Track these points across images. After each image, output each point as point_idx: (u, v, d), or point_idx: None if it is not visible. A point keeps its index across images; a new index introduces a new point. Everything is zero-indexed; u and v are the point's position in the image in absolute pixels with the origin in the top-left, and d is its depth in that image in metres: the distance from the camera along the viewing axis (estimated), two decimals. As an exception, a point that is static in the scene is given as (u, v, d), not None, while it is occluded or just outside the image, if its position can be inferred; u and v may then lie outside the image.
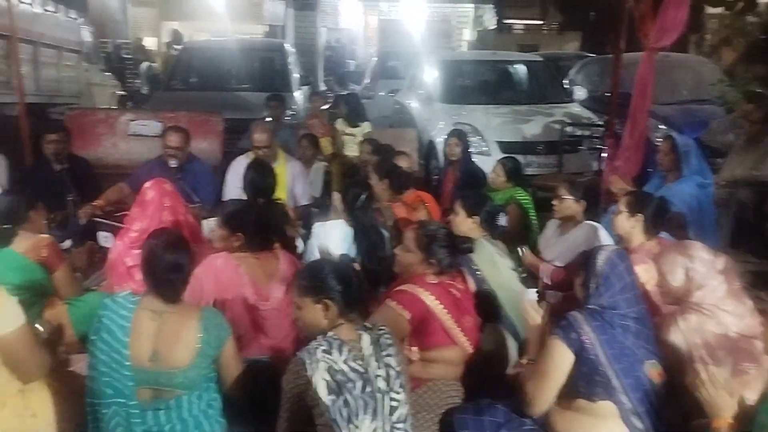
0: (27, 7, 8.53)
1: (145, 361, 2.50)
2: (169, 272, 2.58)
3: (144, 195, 3.94)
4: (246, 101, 8.92)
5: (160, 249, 2.61)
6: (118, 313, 2.54)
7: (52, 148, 5.51)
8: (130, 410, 2.48)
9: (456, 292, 3.12)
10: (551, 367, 2.54)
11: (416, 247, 3.14)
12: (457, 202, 3.82)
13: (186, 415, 2.55)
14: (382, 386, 2.35)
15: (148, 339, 2.51)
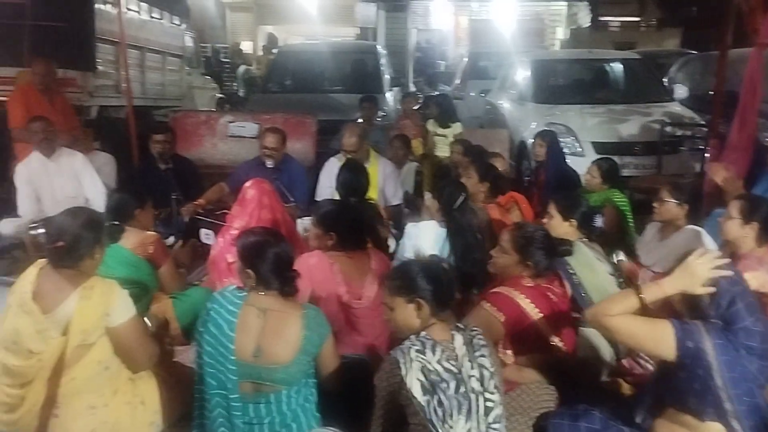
0: (135, 14, 9.00)
1: (248, 356, 2.57)
2: (280, 266, 2.67)
3: (244, 194, 4.09)
4: (339, 103, 9.07)
5: (268, 245, 2.70)
6: (226, 307, 2.62)
7: (159, 148, 5.78)
8: (232, 402, 2.56)
9: (553, 296, 3.06)
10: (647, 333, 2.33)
11: (513, 249, 3.10)
12: (552, 205, 3.75)
13: (285, 409, 2.62)
14: (476, 387, 2.34)
15: (253, 335, 2.59)
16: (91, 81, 7.62)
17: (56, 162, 5.39)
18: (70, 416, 2.63)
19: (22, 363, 2.61)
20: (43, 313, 2.59)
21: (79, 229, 2.67)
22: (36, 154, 5.39)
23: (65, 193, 5.28)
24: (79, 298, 2.61)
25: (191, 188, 5.66)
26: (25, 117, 6.14)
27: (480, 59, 13.26)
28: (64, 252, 2.65)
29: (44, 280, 2.66)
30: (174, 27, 10.80)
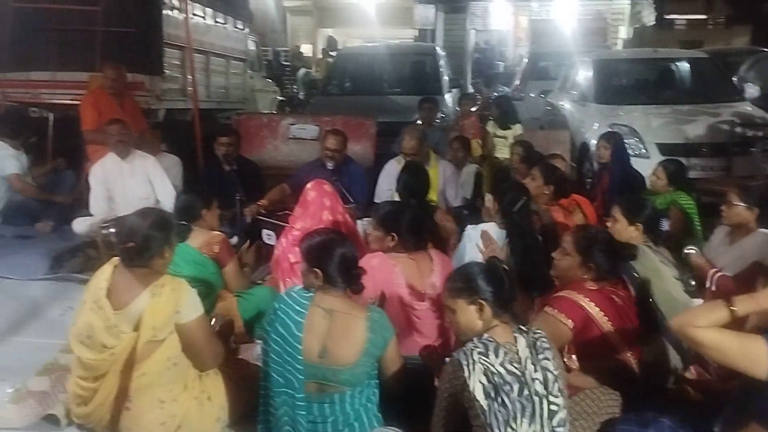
0: (200, 19, 9.23)
1: (314, 357, 2.61)
2: (347, 264, 2.72)
3: (306, 195, 4.16)
4: (398, 105, 9.11)
5: (334, 244, 2.75)
6: (293, 308, 2.67)
7: (224, 150, 5.91)
8: (297, 402, 2.60)
9: (618, 299, 3.00)
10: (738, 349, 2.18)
11: (575, 250, 3.06)
12: (616, 208, 3.67)
13: (348, 409, 2.65)
14: (539, 390, 2.32)
15: (319, 336, 2.62)
16: (158, 85, 7.84)
17: (130, 164, 5.58)
18: (141, 410, 2.72)
19: (95, 357, 2.71)
20: (117, 309, 2.69)
21: (149, 229, 2.77)
22: (111, 156, 5.59)
23: (137, 194, 5.46)
24: (150, 295, 2.70)
25: (254, 189, 5.76)
26: (97, 120, 6.38)
27: (540, 60, 13.11)
28: (134, 252, 2.74)
29: (118, 277, 2.77)
30: (237, 31, 11.02)
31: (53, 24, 7.58)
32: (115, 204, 5.48)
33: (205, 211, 3.88)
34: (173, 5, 8.28)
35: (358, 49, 13.80)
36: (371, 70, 10.87)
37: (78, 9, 7.41)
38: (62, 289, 4.72)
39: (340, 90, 10.48)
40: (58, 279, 4.90)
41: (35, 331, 4.05)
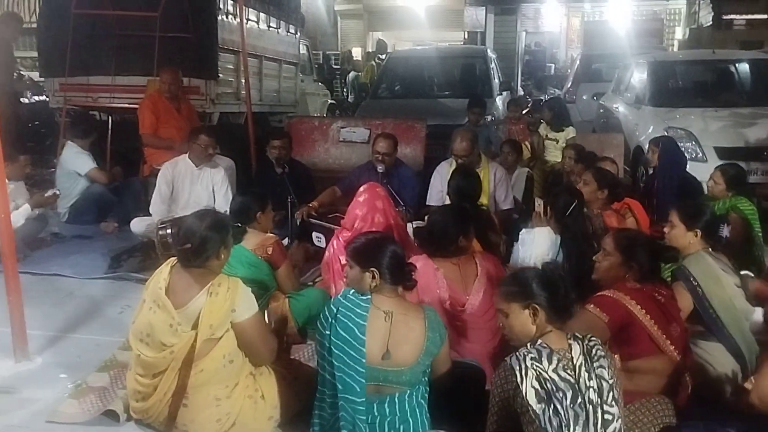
0: (254, 24, 9.37)
1: (377, 359, 2.62)
2: (399, 261, 2.75)
3: (358, 197, 4.18)
4: (448, 108, 9.08)
5: (386, 241, 2.80)
6: (354, 311, 2.67)
7: (276, 153, 6.00)
8: (358, 406, 2.60)
9: (661, 298, 2.96)
10: None
11: (616, 250, 3.05)
12: (674, 213, 3.59)
13: (406, 407, 2.67)
14: (593, 398, 2.29)
15: (382, 338, 2.63)
16: (213, 89, 7.99)
17: (201, 171, 5.71)
18: (197, 406, 2.78)
19: (155, 355, 2.79)
20: (176, 308, 2.76)
21: (206, 231, 2.83)
22: (185, 159, 5.72)
23: (198, 201, 5.54)
24: (207, 294, 2.76)
25: (305, 192, 5.82)
26: (155, 123, 6.56)
27: (593, 61, 12.88)
28: (191, 253, 2.81)
29: (176, 277, 2.84)
30: (290, 36, 11.14)
31: (113, 30, 7.82)
32: (174, 207, 5.61)
33: (260, 214, 3.92)
34: (228, 11, 8.41)
35: (409, 53, 13.80)
36: (421, 73, 10.89)
37: (137, 15, 7.62)
38: (120, 288, 4.85)
39: (390, 93, 10.50)
40: (116, 278, 5.04)
41: (95, 328, 4.17)
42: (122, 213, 6.31)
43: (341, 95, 18.05)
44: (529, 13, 19.92)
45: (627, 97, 9.06)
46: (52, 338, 3.96)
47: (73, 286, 4.89)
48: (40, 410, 3.16)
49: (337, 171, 6.69)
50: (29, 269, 4.87)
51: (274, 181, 5.89)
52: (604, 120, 9.77)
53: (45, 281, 4.92)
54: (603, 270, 3.11)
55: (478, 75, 10.62)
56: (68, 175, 6.53)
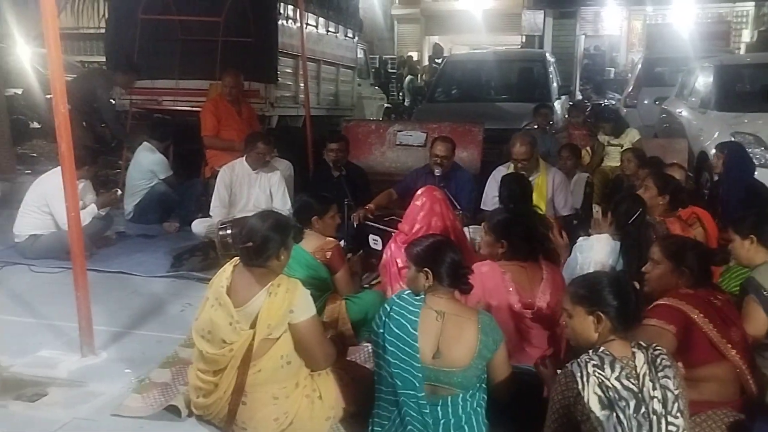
0: (313, 28, 9.49)
1: (428, 359, 2.63)
2: (455, 264, 2.74)
3: (416, 200, 4.19)
4: (505, 111, 9.01)
5: (443, 244, 2.79)
6: (407, 309, 2.70)
7: (333, 156, 6.05)
8: (420, 401, 2.62)
9: (717, 302, 2.88)
10: None
11: (664, 258, 2.98)
12: (737, 225, 3.45)
13: (460, 412, 2.65)
14: (657, 408, 2.23)
15: (432, 338, 2.64)
16: (272, 92, 8.12)
17: (257, 173, 5.83)
18: (256, 405, 2.82)
19: (215, 351, 2.84)
20: (236, 307, 2.81)
21: (267, 231, 2.87)
22: (242, 163, 5.85)
23: (256, 203, 5.66)
24: (266, 294, 2.81)
25: (362, 194, 5.86)
26: (216, 126, 6.70)
27: (655, 65, 12.58)
28: (253, 252, 2.85)
29: (237, 277, 2.89)
30: (347, 40, 11.24)
31: (177, 34, 8.02)
32: (233, 209, 5.72)
33: (316, 219, 3.92)
34: (288, 15, 8.55)
35: (466, 56, 13.75)
36: (479, 76, 10.84)
37: (200, 20, 7.81)
38: (182, 287, 4.96)
39: (447, 97, 10.49)
40: (178, 277, 5.16)
41: (157, 325, 4.27)
42: (184, 213, 6.48)
43: (397, 99, 18.10)
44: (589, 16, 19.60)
45: (691, 102, 8.82)
46: (117, 334, 4.07)
47: (136, 284, 5.03)
48: (105, 404, 3.26)
49: (394, 174, 6.71)
50: (96, 267, 5.02)
51: (331, 184, 5.93)
52: (667, 125, 9.54)
53: (110, 278, 5.08)
54: (654, 280, 3.04)
55: (537, 79, 10.51)
56: (143, 173, 6.76)
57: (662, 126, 9.82)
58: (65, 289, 4.17)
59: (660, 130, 9.88)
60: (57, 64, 3.50)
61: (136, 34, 7.87)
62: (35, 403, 3.25)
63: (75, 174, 3.67)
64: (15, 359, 3.65)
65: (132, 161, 6.95)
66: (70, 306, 3.81)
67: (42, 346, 3.87)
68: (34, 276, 5.14)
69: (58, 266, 5.08)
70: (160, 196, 6.73)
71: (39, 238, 5.44)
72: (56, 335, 4.00)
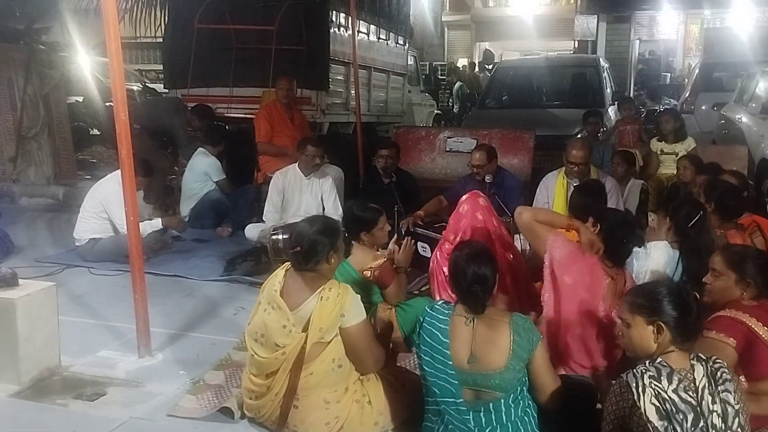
0: (364, 36, 9.56)
1: (463, 363, 2.65)
2: (472, 284, 2.70)
3: (459, 208, 4.17)
4: (557, 118, 8.92)
5: (464, 261, 2.76)
6: (437, 317, 2.74)
7: (383, 162, 6.08)
8: (459, 407, 2.64)
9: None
10: None
11: (728, 269, 2.90)
12: None
13: (505, 420, 2.65)
14: (717, 423, 2.17)
15: (465, 342, 2.66)
16: (324, 99, 8.21)
17: (310, 180, 5.90)
18: (307, 408, 2.85)
19: (268, 355, 2.88)
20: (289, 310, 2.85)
21: (315, 235, 2.91)
22: (294, 168, 5.92)
23: (308, 209, 5.71)
24: (318, 298, 2.83)
25: (412, 201, 5.86)
26: (270, 132, 6.81)
27: (713, 70, 12.24)
28: (302, 256, 2.89)
29: (289, 281, 2.93)
30: (398, 47, 11.28)
31: (231, 43, 8.19)
32: (285, 215, 5.79)
33: (365, 234, 3.81)
34: (340, 23, 8.63)
35: (517, 62, 13.65)
36: (530, 82, 10.74)
37: (254, 29, 7.95)
38: (235, 291, 5.05)
39: (498, 103, 10.43)
40: (231, 281, 5.25)
41: (211, 328, 4.35)
42: (237, 219, 6.59)
43: (447, 105, 18.06)
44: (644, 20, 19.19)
45: (752, 108, 8.56)
46: (172, 336, 4.16)
47: (191, 287, 5.14)
48: (161, 404, 3.33)
49: (444, 181, 6.70)
50: (152, 270, 5.14)
51: (382, 191, 5.96)
52: (726, 131, 9.28)
53: (166, 282, 5.20)
54: (717, 291, 2.95)
55: (590, 84, 10.36)
56: (197, 176, 6.92)
57: (721, 132, 9.56)
58: (123, 291, 4.29)
59: (718, 136, 9.61)
60: (118, 73, 3.61)
61: (192, 43, 8.07)
62: (94, 402, 3.34)
63: (134, 179, 3.77)
64: (75, 359, 3.77)
65: (187, 166, 7.11)
66: (128, 308, 3.92)
67: (101, 346, 3.99)
68: (93, 278, 5.30)
69: (117, 269, 5.24)
70: (214, 202, 6.86)
71: (98, 241, 5.60)
72: (115, 336, 4.12)
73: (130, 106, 3.81)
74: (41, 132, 8.08)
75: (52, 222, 6.98)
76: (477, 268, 2.71)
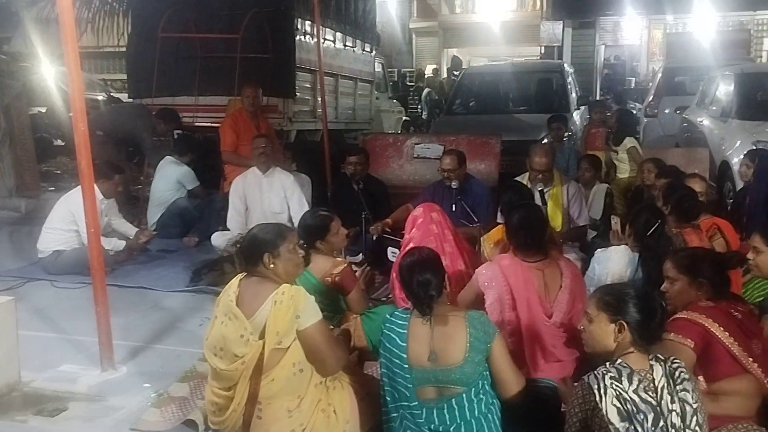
0: (330, 43, 9.57)
1: (424, 362, 2.70)
2: (417, 288, 2.77)
3: (414, 220, 4.26)
4: (524, 123, 9.00)
5: (407, 267, 2.84)
6: (396, 323, 2.81)
7: (351, 169, 6.08)
8: (414, 411, 2.70)
9: (737, 314, 2.84)
10: None
11: (679, 273, 2.95)
12: (757, 238, 3.34)
13: (468, 416, 2.68)
14: (676, 422, 2.21)
15: (425, 341, 2.72)
16: (290, 107, 8.19)
17: (269, 178, 5.90)
18: (271, 418, 2.81)
19: (228, 367, 2.83)
20: (246, 318, 2.82)
21: (254, 235, 2.96)
22: (253, 170, 5.92)
23: (272, 208, 5.73)
24: (272, 303, 2.80)
25: (381, 207, 5.88)
26: (235, 141, 6.77)
27: (676, 74, 12.49)
28: (242, 256, 2.95)
29: (244, 289, 2.90)
30: (365, 54, 11.31)
31: (196, 52, 8.14)
32: (250, 218, 5.76)
33: (322, 240, 3.78)
34: (306, 31, 8.63)
35: (484, 68, 13.77)
36: (496, 88, 10.84)
37: (219, 37, 7.91)
38: (201, 301, 5.00)
39: (465, 109, 10.50)
40: (197, 291, 5.20)
41: (176, 339, 4.31)
42: (204, 228, 6.53)
43: (416, 112, 18.13)
44: (608, 26, 19.51)
45: (712, 111, 8.75)
46: (137, 348, 4.11)
47: (157, 299, 5.07)
48: (124, 418, 3.29)
49: (412, 187, 6.71)
50: (116, 282, 5.09)
51: (351, 197, 5.96)
52: (688, 134, 9.47)
53: (132, 293, 5.14)
54: (674, 297, 2.99)
55: (555, 90, 10.49)
56: (170, 185, 6.87)
57: (683, 135, 9.74)
58: (87, 304, 4.21)
59: (681, 139, 9.80)
60: (77, 82, 3.57)
61: (155, 52, 8.00)
62: (55, 418, 3.29)
63: (94, 190, 3.74)
64: (36, 374, 3.70)
65: (157, 175, 7.03)
66: (91, 321, 3.86)
67: (63, 360, 3.92)
68: (56, 291, 5.22)
69: (80, 282, 5.14)
70: (181, 211, 6.80)
71: (62, 253, 5.52)
72: (77, 350, 4.05)
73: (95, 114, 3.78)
74: (2, 143, 7.92)
75: (14, 235, 6.85)
76: (420, 273, 2.78)
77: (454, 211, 5.33)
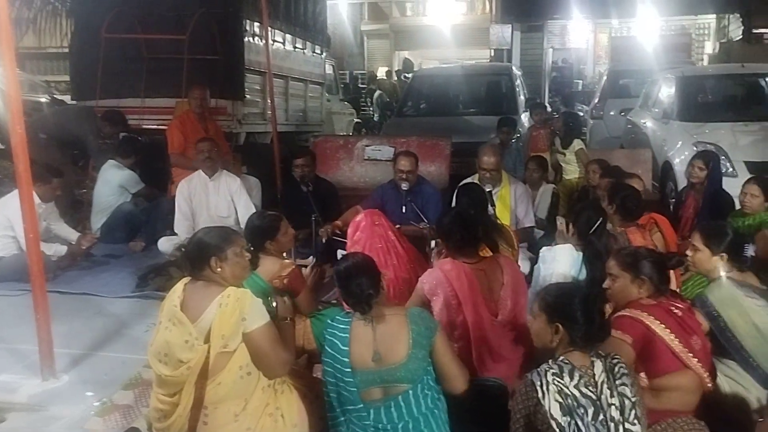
0: (280, 45, 9.51)
1: (368, 363, 2.71)
2: (352, 290, 2.81)
3: (357, 223, 4.28)
4: (473, 125, 9.10)
5: (343, 271, 2.88)
6: (338, 327, 2.82)
7: (299, 171, 6.05)
8: (360, 413, 2.71)
9: (677, 311, 2.93)
10: None
11: (621, 270, 3.03)
12: (697, 237, 3.47)
13: (416, 412, 2.70)
14: (615, 416, 2.27)
15: (368, 343, 2.74)
16: (240, 109, 8.12)
17: (216, 182, 5.83)
18: (217, 424, 2.77)
19: (173, 373, 2.79)
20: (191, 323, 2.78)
21: (200, 237, 2.92)
22: (198, 173, 5.86)
23: (219, 212, 5.67)
24: (218, 306, 2.77)
25: (331, 209, 5.85)
26: (183, 143, 6.67)
27: (620, 77, 12.81)
28: (186, 259, 2.90)
29: (189, 294, 2.85)
30: (315, 56, 11.28)
31: (142, 53, 7.99)
32: (197, 222, 5.69)
33: (271, 240, 3.77)
34: (254, 32, 8.56)
35: (433, 71, 13.86)
36: (446, 90, 10.93)
37: (165, 38, 7.78)
38: (147, 307, 4.89)
39: (416, 111, 10.56)
40: (143, 297, 5.09)
41: (121, 346, 4.22)
42: (151, 232, 6.42)
43: (368, 114, 18.17)
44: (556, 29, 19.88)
45: (655, 113, 8.97)
46: (79, 356, 4.01)
47: (101, 305, 4.96)
48: (67, 428, 3.22)
49: (363, 189, 6.71)
50: (59, 288, 4.96)
51: (300, 200, 5.93)
52: (632, 135, 9.69)
53: (74, 300, 5.00)
54: (617, 293, 3.07)
55: (504, 92, 10.63)
56: (113, 190, 6.71)
57: (628, 137, 9.97)
58: (26, 311, 4.06)
59: (626, 140, 10.02)
60: (13, 83, 3.47)
61: (99, 53, 7.83)
62: (-7, 430, 3.19)
63: (32, 195, 3.64)
64: (-27, 385, 3.59)
65: (99, 180, 6.87)
66: (31, 329, 3.75)
67: (2, 370, 3.81)
68: (-6, 299, 5.05)
69: (20, 289, 4.97)
70: (126, 215, 6.65)
71: (1, 260, 5.34)
72: (17, 359, 3.93)
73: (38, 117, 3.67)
74: (-64, 147, 7.67)
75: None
76: (355, 275, 2.83)
77: (404, 213, 5.35)
